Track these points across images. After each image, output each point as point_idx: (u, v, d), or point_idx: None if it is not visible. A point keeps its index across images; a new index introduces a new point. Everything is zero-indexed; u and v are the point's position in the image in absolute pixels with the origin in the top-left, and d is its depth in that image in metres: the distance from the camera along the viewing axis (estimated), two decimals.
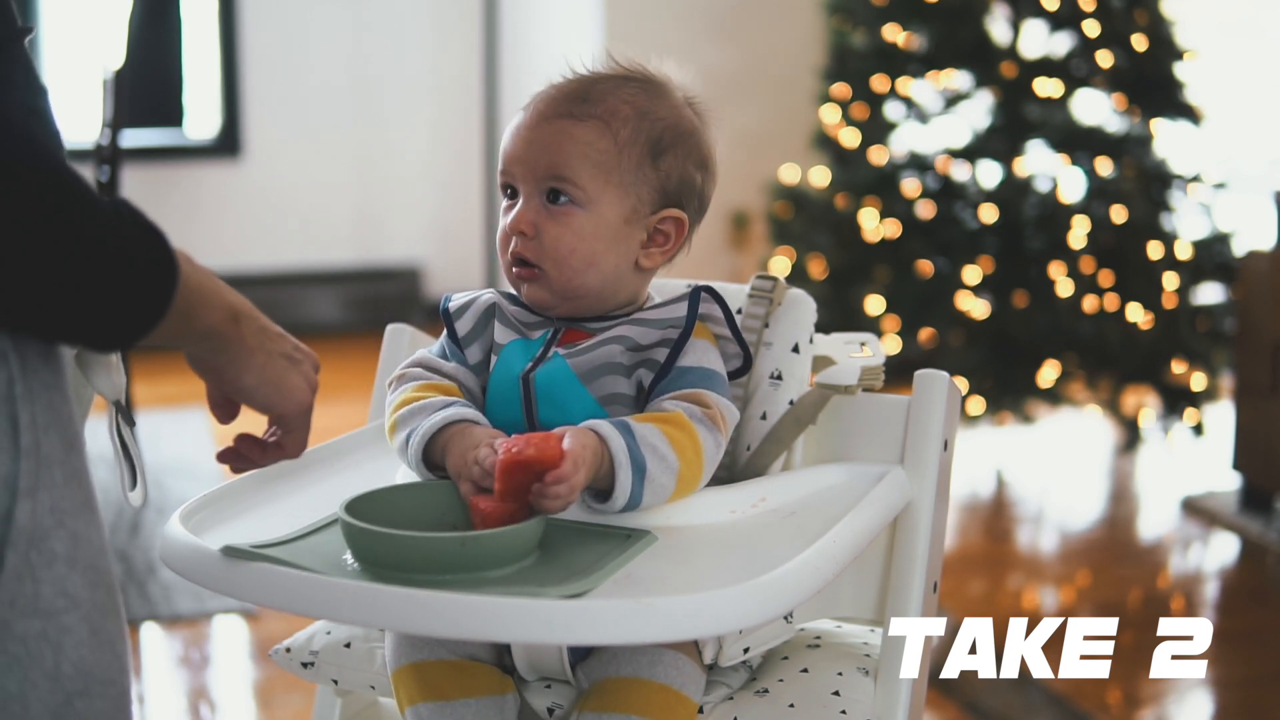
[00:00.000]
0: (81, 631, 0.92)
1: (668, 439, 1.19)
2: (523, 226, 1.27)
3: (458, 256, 5.69)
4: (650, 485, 1.17)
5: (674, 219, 1.31)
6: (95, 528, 0.95)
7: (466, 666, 1.26)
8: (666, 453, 1.18)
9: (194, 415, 4.22)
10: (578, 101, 1.29)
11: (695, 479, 1.22)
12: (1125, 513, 3.81)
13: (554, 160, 1.27)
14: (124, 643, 0.97)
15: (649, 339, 1.27)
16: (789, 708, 1.30)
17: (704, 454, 1.21)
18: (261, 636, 2.78)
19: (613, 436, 1.17)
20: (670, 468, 1.18)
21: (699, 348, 1.28)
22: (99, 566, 0.94)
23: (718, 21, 4.82)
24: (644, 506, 1.19)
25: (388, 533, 1.06)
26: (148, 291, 0.93)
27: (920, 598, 1.36)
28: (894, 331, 3.89)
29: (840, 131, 4.09)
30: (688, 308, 1.28)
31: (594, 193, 1.27)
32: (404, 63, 5.63)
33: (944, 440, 1.38)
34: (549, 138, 1.27)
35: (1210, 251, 3.98)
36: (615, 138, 1.28)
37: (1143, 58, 3.91)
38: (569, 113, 1.28)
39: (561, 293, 1.28)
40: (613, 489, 1.16)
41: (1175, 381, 3.95)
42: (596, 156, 1.27)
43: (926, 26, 3.95)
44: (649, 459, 1.17)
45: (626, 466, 1.16)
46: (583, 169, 1.27)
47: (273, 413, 1.13)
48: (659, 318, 1.28)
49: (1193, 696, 2.64)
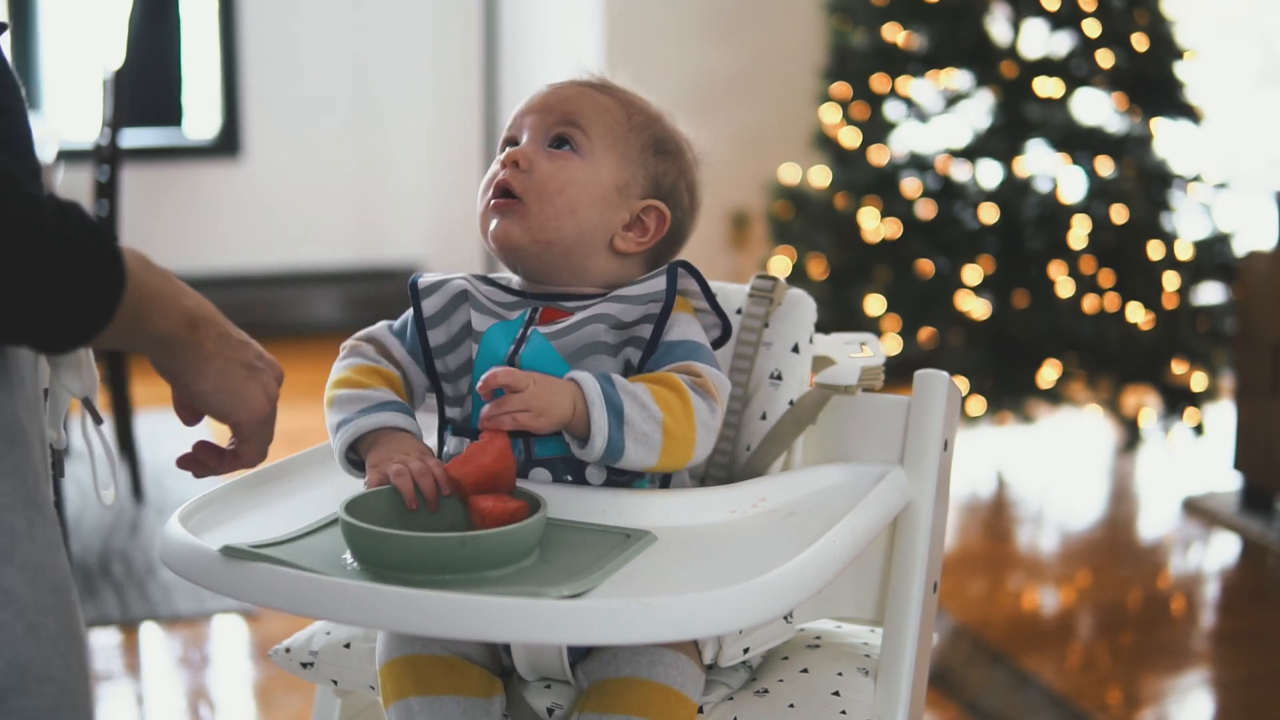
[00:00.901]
0: (17, 627, 0.91)
1: (652, 393, 1.21)
2: (518, 158, 1.30)
3: (458, 256, 5.69)
4: (631, 431, 1.18)
5: (658, 211, 1.34)
6: (41, 525, 0.94)
7: (458, 664, 1.26)
8: (648, 402, 1.20)
9: None
10: (599, 84, 1.37)
11: (689, 439, 1.22)
12: (1125, 513, 3.81)
13: (569, 109, 1.32)
14: (71, 640, 0.96)
15: (631, 315, 1.28)
16: (789, 708, 1.30)
17: (695, 414, 1.22)
18: (261, 636, 2.78)
19: (586, 379, 1.20)
20: (653, 417, 1.19)
21: (682, 321, 1.29)
22: (44, 564, 0.94)
23: (718, 21, 4.82)
24: (632, 459, 1.20)
25: (388, 533, 1.06)
26: (93, 295, 0.93)
27: (920, 598, 1.36)
28: (894, 331, 3.89)
29: (840, 131, 4.09)
30: (666, 281, 1.29)
31: (598, 149, 1.31)
32: (404, 63, 5.63)
33: (944, 440, 1.38)
34: (568, 93, 1.34)
35: (1211, 251, 3.98)
36: (629, 118, 1.34)
37: (1143, 57, 3.90)
38: (589, 85, 1.35)
39: (534, 231, 1.29)
40: (589, 430, 1.18)
41: (1176, 381, 3.94)
42: (609, 120, 1.33)
43: (927, 26, 3.95)
44: (626, 403, 1.19)
45: (600, 405, 1.18)
46: (595, 123, 1.32)
47: (228, 420, 1.13)
48: (638, 294, 1.29)
49: (1193, 696, 2.64)
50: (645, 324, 1.27)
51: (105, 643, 2.77)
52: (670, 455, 1.21)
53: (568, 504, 1.19)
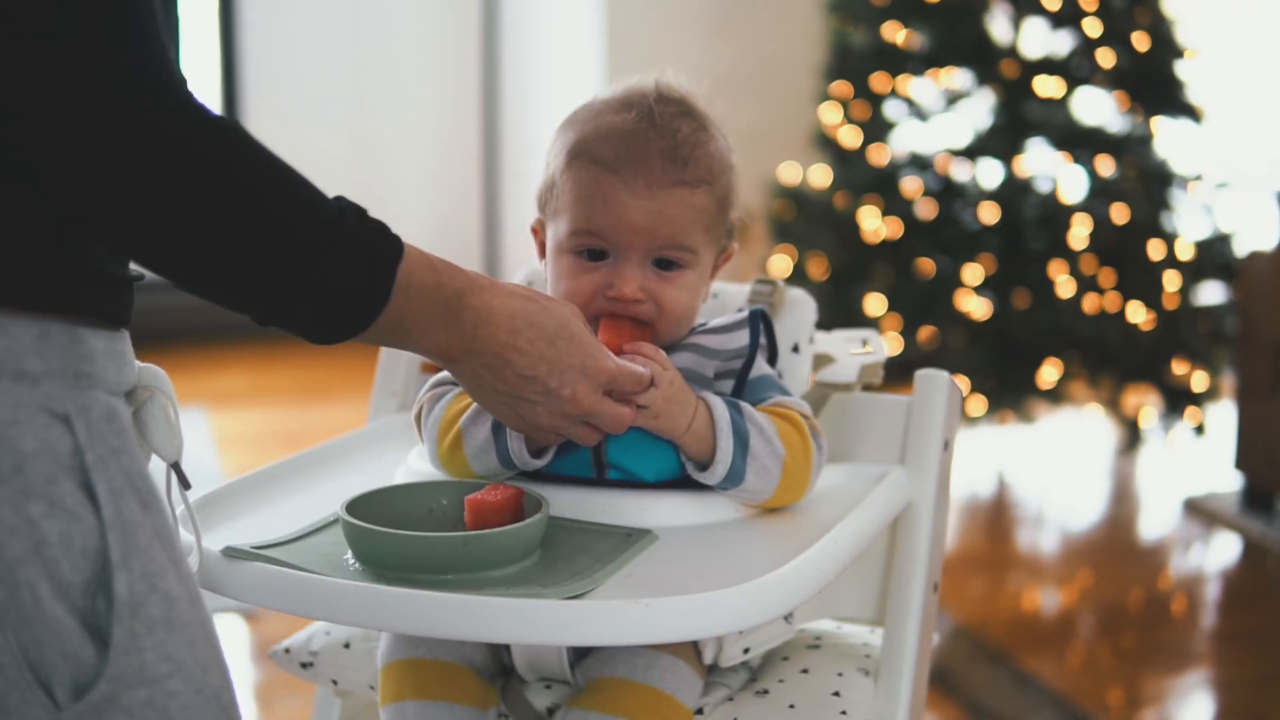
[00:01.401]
0: (187, 693, 0.94)
1: (777, 428, 1.22)
2: (638, 294, 1.26)
3: (457, 256, 5.65)
4: (754, 462, 1.19)
5: (727, 256, 1.35)
6: (182, 580, 0.95)
7: (457, 672, 1.26)
8: (772, 436, 1.21)
9: (194, 415, 4.22)
10: (681, 164, 1.27)
11: (804, 479, 1.23)
12: (1126, 513, 3.81)
13: (676, 230, 1.26)
14: (228, 689, 0.98)
15: (709, 370, 1.28)
16: (789, 708, 1.30)
17: (812, 457, 1.24)
18: (261, 637, 2.77)
19: (716, 403, 1.20)
20: (775, 453, 1.20)
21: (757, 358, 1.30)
22: (193, 620, 0.95)
23: (718, 21, 4.82)
24: (750, 489, 1.20)
25: (389, 532, 1.06)
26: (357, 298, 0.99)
27: (920, 598, 1.36)
28: (894, 331, 3.89)
29: (840, 131, 4.09)
30: (749, 336, 1.29)
31: (702, 253, 1.29)
32: (404, 63, 5.63)
33: (945, 440, 1.38)
34: (671, 209, 1.26)
35: (1211, 251, 3.97)
36: (716, 197, 1.29)
37: (1144, 57, 3.90)
38: (682, 180, 1.26)
39: (661, 340, 1.28)
40: (714, 456, 1.18)
41: (1176, 381, 3.94)
42: (707, 220, 1.29)
43: (927, 25, 3.95)
44: (752, 434, 1.19)
45: (727, 432, 1.18)
46: (698, 235, 1.28)
47: None
48: (718, 347, 1.28)
49: (1193, 696, 2.64)
50: (725, 380, 1.28)
51: None
52: (784, 492, 1.22)
53: (568, 504, 1.19)
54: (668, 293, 1.27)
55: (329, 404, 4.55)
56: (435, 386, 1.29)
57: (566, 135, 1.31)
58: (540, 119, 5.31)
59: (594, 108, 1.31)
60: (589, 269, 1.27)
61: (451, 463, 1.24)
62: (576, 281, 1.27)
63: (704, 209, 1.28)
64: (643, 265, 1.27)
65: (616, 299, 1.25)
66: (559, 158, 1.30)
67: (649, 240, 1.26)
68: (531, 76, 5.37)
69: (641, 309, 1.26)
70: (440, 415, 1.25)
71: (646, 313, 1.27)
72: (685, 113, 1.30)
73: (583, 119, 1.31)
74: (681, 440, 1.19)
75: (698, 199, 1.27)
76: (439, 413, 1.25)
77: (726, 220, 1.32)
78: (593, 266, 1.27)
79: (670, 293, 1.27)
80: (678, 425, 1.18)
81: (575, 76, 4.96)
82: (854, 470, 1.36)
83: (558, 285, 1.29)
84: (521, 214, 5.45)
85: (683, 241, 1.26)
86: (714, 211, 1.29)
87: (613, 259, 1.27)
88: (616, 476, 1.23)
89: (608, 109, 1.30)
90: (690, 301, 1.29)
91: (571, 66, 5.00)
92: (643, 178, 1.25)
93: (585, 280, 1.27)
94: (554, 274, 1.30)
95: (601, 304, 1.26)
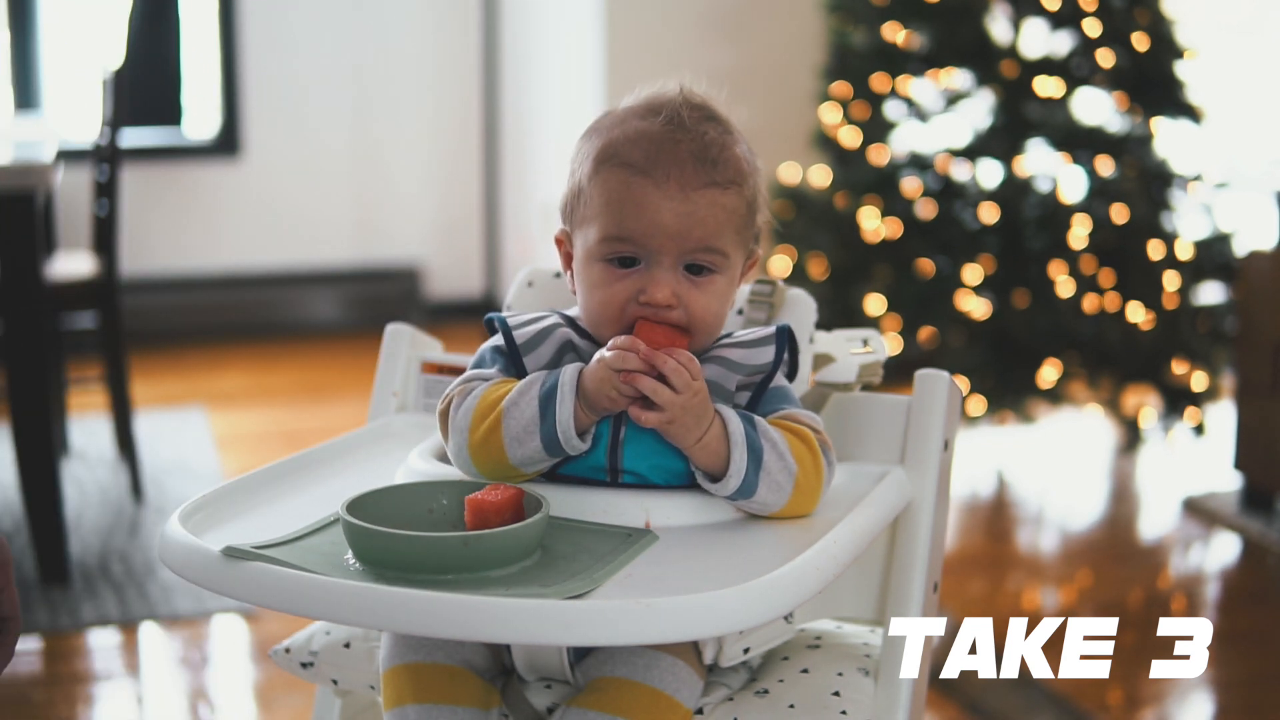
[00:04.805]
0: None
1: (789, 445, 1.22)
2: (670, 300, 1.25)
3: (457, 256, 5.69)
4: (767, 477, 1.20)
5: (753, 261, 1.35)
6: None
7: (458, 674, 1.26)
8: (785, 452, 1.21)
9: (194, 415, 4.22)
10: (711, 165, 1.26)
11: (814, 496, 1.24)
12: (1126, 513, 3.81)
13: (708, 233, 1.26)
14: None
15: (732, 383, 1.28)
16: (789, 708, 1.30)
17: (823, 474, 1.24)
18: (261, 636, 2.77)
19: (731, 417, 1.21)
20: (788, 469, 1.21)
21: None
22: None
23: (718, 21, 4.82)
24: (759, 502, 1.21)
25: (390, 532, 1.06)
26: None
27: (921, 598, 1.36)
28: (894, 331, 3.89)
29: (840, 131, 4.09)
30: (774, 353, 1.29)
31: (732, 257, 1.29)
32: (404, 63, 5.63)
33: (944, 440, 1.38)
34: (704, 210, 1.25)
35: (1211, 251, 3.97)
36: (745, 199, 1.29)
37: (1144, 57, 3.90)
38: (713, 180, 1.26)
39: (695, 346, 1.28)
40: (727, 469, 1.18)
41: (1176, 381, 3.94)
42: (738, 222, 1.29)
43: (927, 25, 3.95)
44: (766, 449, 1.20)
45: (741, 446, 1.19)
46: (729, 237, 1.28)
47: None
48: (744, 362, 1.29)
49: (1193, 696, 2.64)
50: (744, 391, 1.29)
51: (105, 643, 2.77)
52: (793, 506, 1.23)
53: (568, 503, 1.19)
54: (699, 300, 1.27)
55: (329, 404, 4.55)
56: (466, 381, 1.28)
57: (592, 142, 1.30)
58: (540, 120, 5.31)
59: (618, 115, 1.31)
60: (620, 276, 1.27)
61: (482, 452, 1.22)
62: (609, 290, 1.27)
63: (735, 210, 1.28)
64: (674, 270, 1.26)
65: (649, 304, 1.25)
66: (586, 164, 1.29)
67: (681, 244, 1.25)
68: (532, 78, 5.37)
69: (673, 315, 1.26)
70: (475, 402, 1.24)
71: (678, 319, 1.26)
72: (710, 117, 1.31)
73: (607, 126, 1.30)
74: (690, 451, 1.20)
75: (729, 200, 1.27)
76: (473, 400, 1.24)
77: (754, 224, 1.32)
78: (624, 274, 1.27)
79: (701, 300, 1.27)
80: (689, 436, 1.19)
81: (575, 78, 4.96)
82: (854, 470, 1.36)
83: (589, 294, 1.28)
84: (521, 215, 5.45)
85: (714, 244, 1.26)
86: (744, 213, 1.29)
87: (644, 265, 1.26)
88: (631, 481, 1.24)
89: (633, 115, 1.29)
90: (720, 309, 1.29)
91: (571, 68, 5.00)
92: (675, 179, 1.25)
93: (618, 288, 1.26)
94: (584, 283, 1.29)
95: (635, 310, 1.26)
